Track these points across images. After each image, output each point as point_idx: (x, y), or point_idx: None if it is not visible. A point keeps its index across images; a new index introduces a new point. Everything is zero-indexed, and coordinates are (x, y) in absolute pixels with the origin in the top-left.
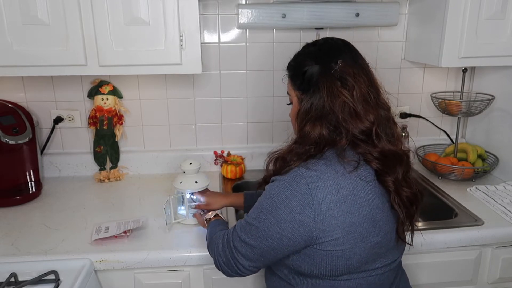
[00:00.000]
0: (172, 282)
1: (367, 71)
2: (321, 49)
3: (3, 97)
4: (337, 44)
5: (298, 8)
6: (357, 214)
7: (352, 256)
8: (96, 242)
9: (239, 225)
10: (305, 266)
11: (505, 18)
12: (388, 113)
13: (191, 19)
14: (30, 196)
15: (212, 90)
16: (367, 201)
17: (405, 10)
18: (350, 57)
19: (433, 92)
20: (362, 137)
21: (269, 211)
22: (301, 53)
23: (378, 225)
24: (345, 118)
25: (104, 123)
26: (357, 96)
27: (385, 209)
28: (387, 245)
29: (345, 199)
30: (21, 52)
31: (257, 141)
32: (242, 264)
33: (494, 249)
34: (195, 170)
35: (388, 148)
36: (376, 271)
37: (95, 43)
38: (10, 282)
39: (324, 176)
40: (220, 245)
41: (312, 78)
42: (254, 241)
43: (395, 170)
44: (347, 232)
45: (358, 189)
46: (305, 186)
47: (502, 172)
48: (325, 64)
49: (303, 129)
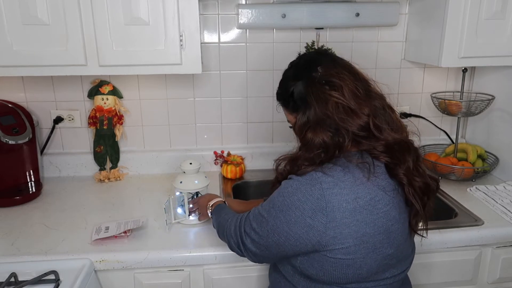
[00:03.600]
0: (172, 282)
1: (349, 67)
2: (298, 66)
3: (3, 97)
4: (311, 56)
5: (298, 8)
6: (372, 225)
7: (362, 265)
8: (96, 242)
9: (253, 213)
10: (312, 271)
11: (505, 18)
12: (383, 101)
13: (191, 19)
14: (30, 196)
15: (212, 90)
16: (384, 213)
17: (405, 10)
18: (328, 60)
19: (433, 92)
20: (363, 133)
21: (280, 209)
22: (282, 79)
23: (392, 237)
24: (342, 118)
25: (104, 123)
26: (347, 93)
27: (401, 221)
28: (398, 256)
29: (362, 209)
30: (21, 52)
31: (257, 141)
32: (249, 248)
33: (494, 249)
34: (195, 170)
35: (393, 138)
36: (385, 281)
37: (95, 43)
38: (10, 282)
39: (342, 183)
40: (233, 228)
41: (301, 94)
42: (262, 233)
43: (405, 160)
44: (359, 241)
45: (376, 199)
46: (319, 191)
47: (502, 172)
48: (306, 76)
49: (305, 137)
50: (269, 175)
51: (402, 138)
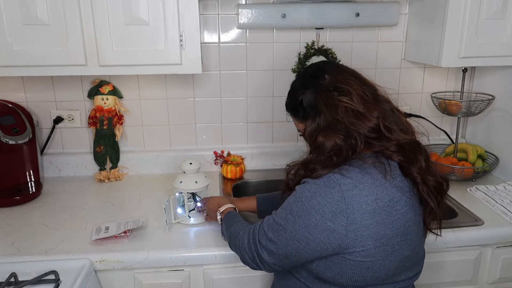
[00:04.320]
0: (172, 282)
1: (355, 73)
2: (305, 76)
3: (3, 97)
4: (317, 65)
5: (298, 8)
6: (391, 226)
7: (381, 268)
8: (96, 242)
9: (267, 223)
10: (330, 274)
11: (505, 18)
12: (390, 104)
13: (191, 19)
14: (30, 196)
15: (212, 90)
16: (402, 214)
17: (405, 10)
18: (334, 68)
19: (433, 92)
20: (373, 135)
21: (299, 214)
22: (291, 89)
23: (409, 239)
24: (352, 121)
25: (104, 123)
26: (356, 97)
27: (417, 222)
28: (414, 258)
29: (381, 210)
30: (21, 52)
31: (257, 141)
32: (266, 261)
33: (494, 249)
34: (195, 170)
35: (404, 138)
36: (400, 284)
37: (95, 43)
38: (10, 282)
39: (361, 185)
40: (246, 241)
41: (310, 102)
42: (280, 242)
43: (417, 159)
44: (379, 244)
45: (395, 200)
46: (339, 193)
47: (502, 172)
48: (315, 84)
49: (316, 141)
50: (269, 175)
51: (412, 139)
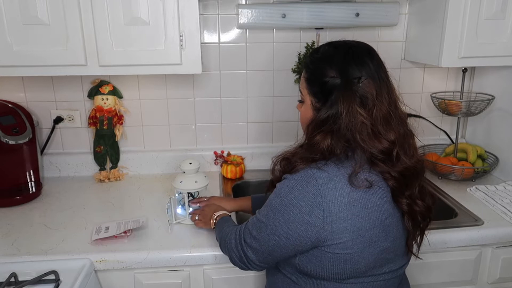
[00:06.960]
0: (172, 282)
1: (389, 87)
2: (345, 58)
3: (3, 97)
4: (362, 54)
5: (298, 8)
6: (367, 218)
7: (360, 260)
8: (96, 242)
9: (251, 222)
10: (311, 267)
11: (505, 18)
12: (406, 128)
13: (191, 19)
14: (30, 196)
15: (212, 90)
16: (378, 206)
17: (405, 10)
18: (374, 70)
19: (433, 92)
20: (382, 156)
21: (278, 209)
22: (321, 56)
23: (387, 230)
24: (363, 139)
25: (104, 123)
26: (377, 116)
27: (396, 215)
28: (395, 250)
29: (356, 203)
30: (21, 52)
31: (257, 141)
32: (251, 259)
33: (494, 249)
34: (195, 170)
35: (407, 166)
36: (383, 276)
37: (95, 43)
38: (10, 282)
39: (336, 177)
40: (233, 241)
41: (332, 91)
42: (262, 238)
43: (411, 186)
44: (356, 235)
45: (370, 193)
46: (315, 187)
47: (502, 172)
48: (347, 79)
49: (313, 138)
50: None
51: (415, 164)
